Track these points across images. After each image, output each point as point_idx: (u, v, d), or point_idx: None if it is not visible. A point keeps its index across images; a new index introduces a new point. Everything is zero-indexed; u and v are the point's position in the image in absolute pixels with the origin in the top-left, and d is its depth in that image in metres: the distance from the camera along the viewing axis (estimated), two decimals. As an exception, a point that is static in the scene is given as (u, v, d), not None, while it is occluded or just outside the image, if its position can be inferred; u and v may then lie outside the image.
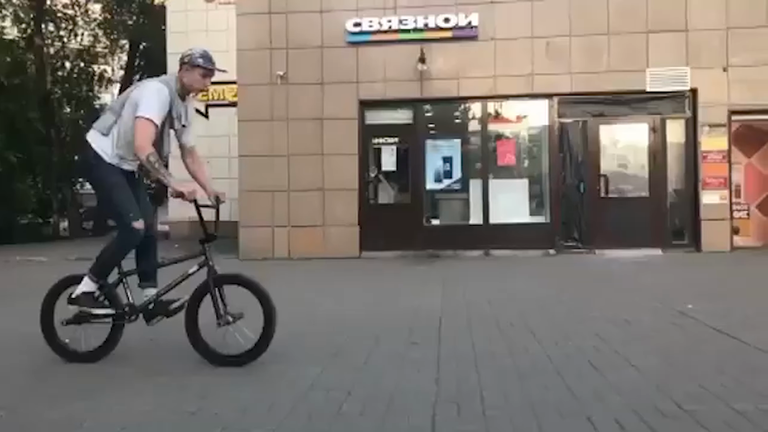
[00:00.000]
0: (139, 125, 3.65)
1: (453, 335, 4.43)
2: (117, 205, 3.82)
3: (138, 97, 3.74)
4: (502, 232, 10.52)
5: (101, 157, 3.79)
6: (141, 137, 3.64)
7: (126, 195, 3.80)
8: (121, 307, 3.87)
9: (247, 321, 3.74)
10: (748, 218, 11.18)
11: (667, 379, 3.30)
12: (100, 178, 3.88)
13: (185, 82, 3.88)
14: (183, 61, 3.89)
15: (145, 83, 3.93)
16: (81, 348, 3.94)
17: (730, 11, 10.24)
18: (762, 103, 10.14)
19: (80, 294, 3.81)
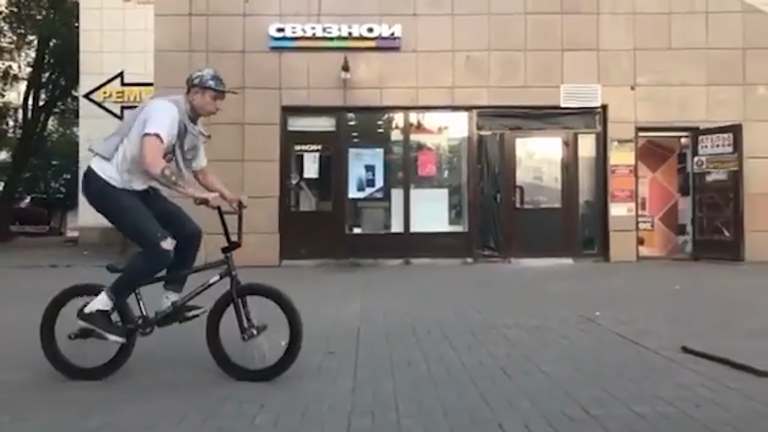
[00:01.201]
0: (145, 142, 3.44)
1: (370, 344, 4.44)
2: (137, 229, 3.56)
3: (146, 116, 3.53)
4: (422, 241, 10.66)
5: (108, 182, 3.55)
6: (149, 154, 3.42)
7: (143, 215, 3.56)
8: (134, 321, 3.64)
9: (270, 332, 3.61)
10: (653, 230, 11.83)
11: (574, 384, 3.42)
12: (111, 205, 3.59)
13: (195, 105, 3.70)
14: (193, 83, 3.70)
15: (154, 102, 3.71)
16: (86, 363, 3.63)
17: (638, 33, 10.83)
18: (665, 121, 10.78)
19: (95, 311, 3.51)
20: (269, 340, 3.58)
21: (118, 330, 3.56)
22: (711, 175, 10.69)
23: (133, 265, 3.57)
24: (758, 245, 10.19)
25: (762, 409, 3.00)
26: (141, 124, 3.50)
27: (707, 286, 7.99)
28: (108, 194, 3.56)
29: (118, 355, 3.66)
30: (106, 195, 3.57)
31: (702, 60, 10.76)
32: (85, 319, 3.51)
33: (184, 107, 3.64)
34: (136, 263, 3.57)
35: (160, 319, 3.66)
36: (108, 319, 3.54)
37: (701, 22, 10.85)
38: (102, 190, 3.56)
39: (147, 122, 3.47)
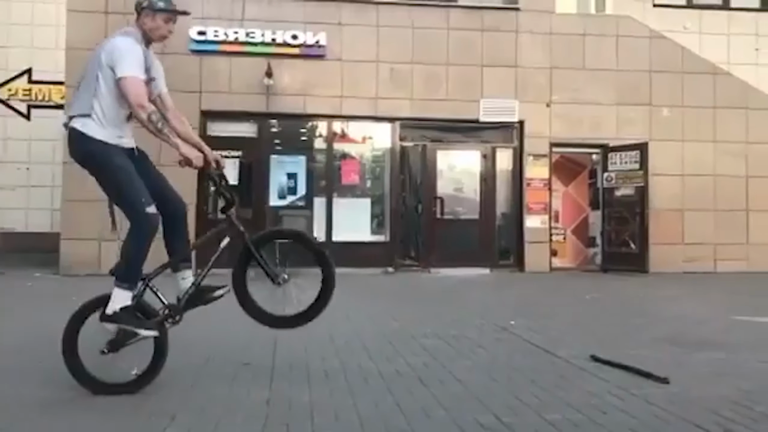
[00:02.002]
0: (126, 85, 3.24)
1: (287, 354, 4.37)
2: (127, 192, 3.34)
3: (110, 60, 3.29)
4: (344, 250, 10.58)
5: (96, 139, 3.31)
6: (134, 95, 3.24)
7: (134, 178, 3.34)
8: (158, 314, 3.41)
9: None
10: (565, 241, 12.29)
11: (488, 392, 3.48)
12: (103, 163, 3.35)
13: (147, 29, 3.45)
14: (142, 7, 3.45)
15: (111, 43, 3.40)
16: (117, 378, 3.36)
17: (554, 53, 11.28)
18: (578, 137, 11.26)
19: (118, 310, 3.27)
20: (297, 285, 3.56)
21: (148, 323, 3.36)
22: (619, 190, 11.25)
23: (126, 245, 3.37)
24: (661, 257, 10.79)
25: (662, 414, 3.15)
26: (107, 71, 3.31)
27: (615, 296, 8.38)
28: (99, 152, 3.34)
29: (154, 360, 3.42)
30: (97, 153, 3.35)
31: (612, 81, 11.33)
32: (110, 320, 3.29)
33: (138, 37, 3.44)
34: (128, 241, 3.37)
35: (185, 303, 3.48)
36: (134, 315, 3.34)
37: (612, 45, 11.42)
38: (92, 149, 3.34)
39: (116, 67, 3.28)
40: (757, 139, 11.52)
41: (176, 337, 4.95)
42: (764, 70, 13.01)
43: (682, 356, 4.48)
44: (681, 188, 11.31)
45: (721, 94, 11.53)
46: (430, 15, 11.22)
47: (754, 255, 11.36)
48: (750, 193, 11.50)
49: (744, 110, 11.55)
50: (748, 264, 11.27)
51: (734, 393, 3.51)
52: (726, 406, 3.28)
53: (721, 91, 11.54)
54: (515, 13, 11.39)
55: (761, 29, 13.39)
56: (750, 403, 3.33)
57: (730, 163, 11.44)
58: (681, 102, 11.43)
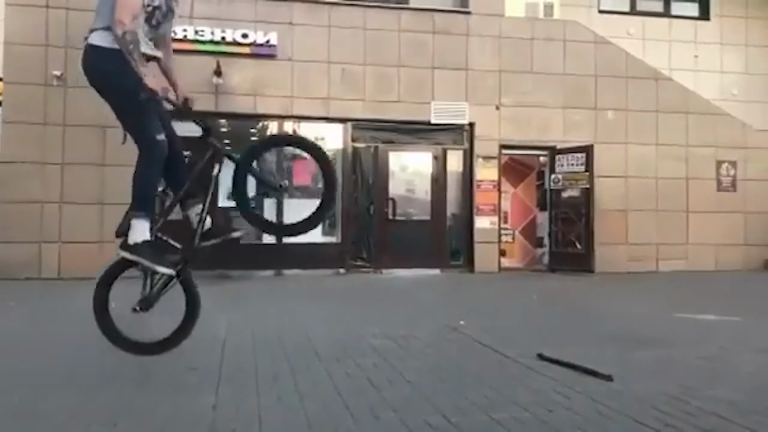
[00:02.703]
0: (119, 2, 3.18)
1: (236, 358, 4.30)
2: (139, 114, 3.28)
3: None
4: (295, 252, 10.55)
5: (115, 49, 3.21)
6: (121, 9, 3.16)
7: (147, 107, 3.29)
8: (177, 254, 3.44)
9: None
10: (513, 242, 12.50)
11: (437, 392, 3.50)
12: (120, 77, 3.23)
13: None
14: None
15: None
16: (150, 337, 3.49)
17: (503, 56, 11.45)
18: (526, 140, 11.46)
19: (140, 242, 3.27)
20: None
21: (165, 261, 3.36)
22: (566, 191, 11.50)
23: (136, 174, 3.37)
24: (606, 257, 11.09)
25: (605, 411, 3.23)
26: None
27: (561, 295, 8.56)
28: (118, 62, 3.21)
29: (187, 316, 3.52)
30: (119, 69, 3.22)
31: (559, 84, 11.58)
32: (130, 250, 3.30)
33: None
34: (140, 168, 3.36)
35: (202, 240, 3.49)
36: (155, 251, 3.34)
37: (559, 50, 11.67)
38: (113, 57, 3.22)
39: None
40: (697, 142, 11.96)
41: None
42: (703, 75, 13.52)
43: (626, 353, 4.60)
44: (625, 190, 11.64)
45: (663, 98, 11.92)
46: (381, 16, 11.25)
47: (693, 254, 11.80)
48: (690, 195, 11.93)
49: (684, 114, 11.97)
50: (687, 263, 11.69)
51: (674, 388, 3.62)
52: (665, 401, 3.38)
53: (662, 96, 11.93)
54: (466, 16, 11.52)
55: (700, 37, 13.90)
56: (688, 398, 3.44)
57: (671, 165, 11.84)
58: (625, 106, 11.77)
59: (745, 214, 12.13)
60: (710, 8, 14.11)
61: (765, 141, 12.57)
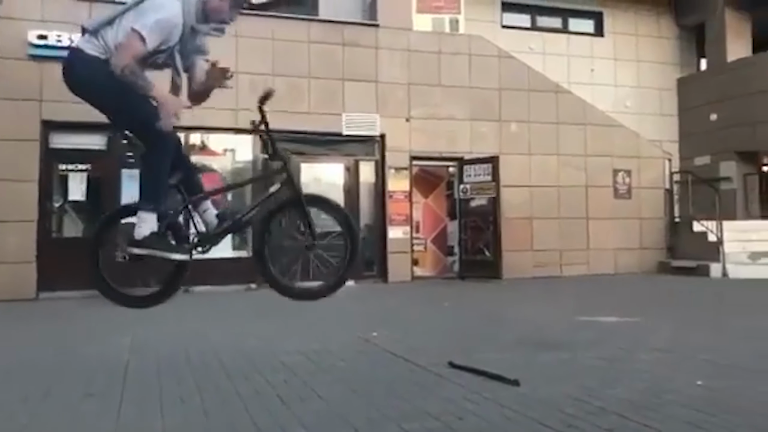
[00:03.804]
0: (129, 36, 3.10)
1: (139, 381, 4.10)
2: (139, 106, 3.19)
3: (147, 9, 3.16)
4: (204, 268, 10.10)
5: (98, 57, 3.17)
6: (124, 51, 3.09)
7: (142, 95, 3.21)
8: (188, 240, 3.38)
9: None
10: (425, 251, 12.70)
11: (349, 406, 3.47)
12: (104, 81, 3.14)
13: (210, 7, 3.33)
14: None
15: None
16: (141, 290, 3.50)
17: (411, 69, 11.66)
18: (435, 151, 11.70)
19: (148, 235, 3.18)
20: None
21: (178, 248, 3.32)
22: (474, 201, 11.82)
23: (145, 166, 3.28)
24: (513, 264, 11.46)
25: (512, 415, 3.30)
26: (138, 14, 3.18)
27: (471, 302, 8.75)
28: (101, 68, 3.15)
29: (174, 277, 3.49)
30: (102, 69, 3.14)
31: (466, 97, 11.90)
32: (140, 245, 3.22)
33: (194, 9, 3.29)
34: (147, 161, 3.27)
35: (215, 234, 3.45)
36: (165, 239, 3.28)
37: (465, 63, 12.01)
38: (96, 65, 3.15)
39: (144, 16, 3.14)
40: (594, 152, 12.60)
41: (11, 369, 4.52)
42: (599, 89, 14.30)
43: (532, 357, 4.74)
44: (529, 198, 12.09)
45: (563, 110, 12.49)
46: (290, 27, 11.19)
47: (594, 259, 12.39)
48: (589, 202, 12.54)
49: (582, 126, 12.59)
50: (588, 267, 12.26)
51: (576, 390, 3.76)
52: (569, 403, 3.50)
53: (562, 108, 12.50)
54: (374, 29, 11.65)
55: (595, 52, 14.71)
56: (590, 398, 3.58)
57: (571, 174, 12.41)
58: (527, 118, 12.24)
59: (640, 220, 12.88)
60: (604, 26, 14.98)
61: (656, 151, 13.43)
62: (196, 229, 3.44)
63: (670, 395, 3.64)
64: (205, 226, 3.49)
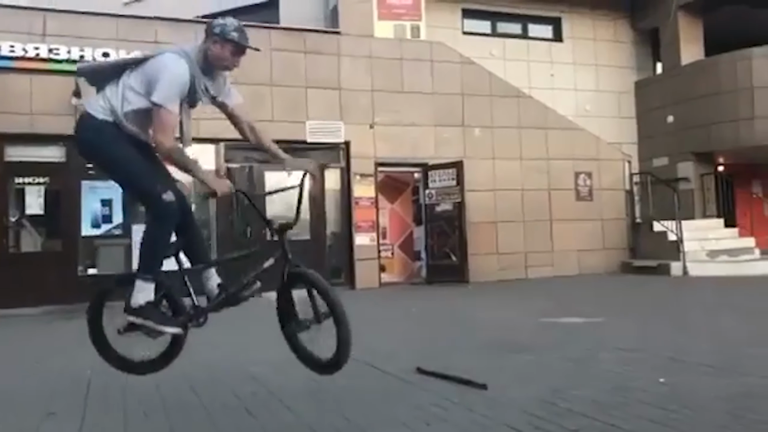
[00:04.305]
0: (160, 114, 3.02)
1: (102, 398, 4.02)
2: (139, 179, 3.16)
3: (154, 74, 3.06)
4: (167, 279, 10.08)
5: (106, 120, 3.11)
6: (161, 131, 3.03)
7: (144, 166, 3.18)
8: (185, 312, 3.30)
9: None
10: (393, 257, 12.72)
11: (317, 415, 3.46)
12: (108, 149, 3.13)
13: (212, 55, 3.20)
14: (213, 32, 3.19)
15: (164, 58, 3.12)
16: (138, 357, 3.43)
17: (374, 76, 11.69)
18: (400, 157, 11.74)
19: (143, 304, 3.14)
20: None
21: (172, 321, 3.26)
22: (439, 206, 11.89)
23: (145, 236, 3.24)
24: (479, 267, 11.55)
25: (481, 420, 3.33)
26: (146, 82, 3.08)
27: (438, 307, 8.79)
28: (108, 134, 3.13)
29: (171, 348, 3.41)
30: (106, 135, 3.13)
31: (429, 103, 11.98)
32: (135, 314, 3.17)
33: (195, 58, 3.19)
34: (146, 232, 3.24)
35: (214, 305, 3.39)
36: (159, 311, 3.22)
37: (427, 70, 12.09)
38: (101, 129, 3.12)
39: (155, 86, 3.03)
40: (555, 155, 12.80)
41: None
42: (559, 93, 14.52)
43: (499, 361, 4.78)
44: (493, 202, 12.21)
45: (524, 115, 12.67)
46: (251, 35, 10.99)
47: (558, 260, 12.57)
48: (552, 205, 12.72)
49: (544, 130, 12.78)
50: (553, 269, 12.43)
51: (544, 392, 3.81)
52: (537, 405, 3.54)
53: (524, 113, 12.68)
54: (336, 36, 11.66)
55: (555, 57, 14.95)
56: (556, 400, 3.63)
57: (534, 177, 12.58)
58: (490, 123, 12.38)
59: (602, 221, 13.11)
60: (563, 31, 15.23)
61: (616, 153, 13.70)
62: (192, 300, 3.36)
63: (634, 394, 3.71)
64: (206, 296, 3.42)
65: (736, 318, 6.66)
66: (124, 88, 3.17)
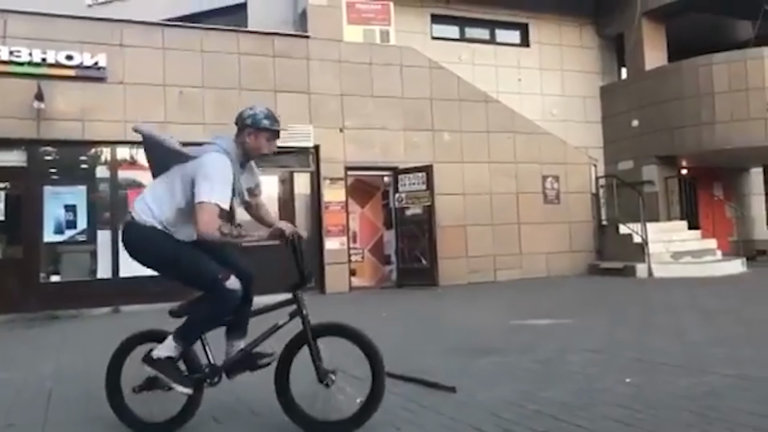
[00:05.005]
0: (202, 210, 3.03)
1: (64, 409, 3.93)
2: (196, 272, 3.18)
3: (196, 173, 3.09)
4: (133, 286, 9.87)
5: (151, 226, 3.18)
6: (203, 224, 3.03)
7: (199, 256, 3.20)
8: (201, 371, 3.26)
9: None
10: (363, 261, 12.69)
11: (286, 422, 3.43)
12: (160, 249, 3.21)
13: (248, 147, 3.28)
14: (245, 124, 3.27)
15: (205, 158, 3.14)
16: (152, 418, 3.30)
17: (343, 80, 11.67)
18: (370, 161, 11.72)
19: (163, 358, 3.14)
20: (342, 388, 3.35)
21: (186, 380, 3.19)
22: (409, 209, 11.90)
23: (200, 311, 3.24)
24: (449, 271, 11.60)
25: (450, 423, 3.34)
26: (188, 182, 3.13)
27: (408, 311, 8.79)
28: (153, 238, 3.19)
29: (185, 409, 3.31)
30: (152, 239, 3.19)
31: (398, 107, 12.00)
32: (152, 365, 3.17)
33: (234, 153, 3.24)
34: (203, 309, 3.24)
35: (229, 367, 3.33)
36: (176, 368, 3.19)
37: (397, 74, 12.12)
38: (146, 234, 3.19)
39: (202, 185, 3.06)
40: (523, 159, 12.93)
41: None
42: (526, 97, 14.69)
43: (468, 363, 4.80)
44: (463, 206, 12.28)
45: (493, 119, 12.77)
46: (219, 39, 11.03)
47: (527, 263, 12.68)
48: (520, 208, 12.84)
49: (512, 134, 12.90)
50: (522, 271, 12.54)
51: (512, 394, 3.84)
52: (505, 407, 3.57)
53: (492, 117, 12.78)
54: (305, 40, 11.61)
55: (522, 62, 15.12)
56: (525, 402, 3.66)
57: (502, 181, 12.69)
58: (459, 127, 12.45)
59: (569, 224, 13.28)
60: (530, 36, 15.42)
61: (582, 157, 13.90)
62: (209, 359, 3.33)
63: (600, 395, 3.76)
64: (226, 356, 3.41)
65: (699, 318, 6.80)
66: (168, 190, 3.24)
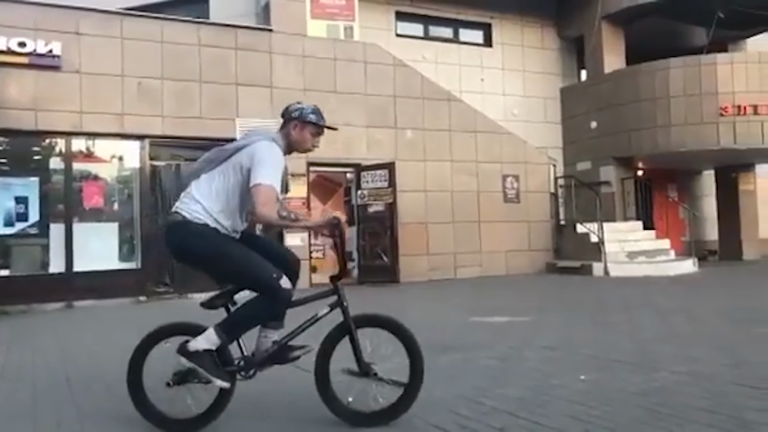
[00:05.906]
0: (260, 193, 3.02)
1: (11, 408, 3.80)
2: (250, 272, 3.11)
3: (250, 160, 3.11)
4: (87, 281, 9.67)
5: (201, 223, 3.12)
6: (263, 205, 3.02)
7: (251, 255, 3.14)
8: (234, 363, 3.19)
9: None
10: (324, 258, 12.64)
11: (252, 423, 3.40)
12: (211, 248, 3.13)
13: (292, 140, 3.34)
14: (292, 116, 3.34)
15: (260, 145, 3.18)
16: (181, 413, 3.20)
17: (307, 75, 11.60)
18: (333, 157, 11.64)
19: (201, 350, 3.06)
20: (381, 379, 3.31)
21: (224, 374, 3.11)
22: (372, 206, 11.90)
23: (250, 308, 3.17)
24: (410, 267, 11.65)
25: (407, 419, 3.33)
26: (242, 170, 3.13)
27: (369, 307, 8.71)
28: (208, 236, 3.13)
29: (217, 403, 3.22)
30: (206, 237, 3.13)
31: (362, 104, 11.98)
32: (189, 357, 3.09)
33: (282, 146, 3.30)
34: (254, 306, 3.17)
35: (263, 360, 3.26)
36: (214, 361, 3.11)
37: (361, 71, 12.09)
38: (200, 232, 3.12)
39: (258, 169, 3.07)
40: (484, 158, 13.06)
41: None
42: (489, 97, 14.85)
43: (427, 360, 4.78)
44: (424, 203, 12.34)
45: (455, 118, 12.86)
46: (179, 30, 10.83)
47: (487, 261, 12.83)
48: (481, 207, 12.97)
49: (473, 133, 13.01)
50: (481, 269, 12.68)
51: (470, 391, 3.87)
52: (463, 404, 3.59)
53: (455, 116, 12.87)
54: (269, 34, 11.49)
55: (485, 62, 15.26)
56: (482, 398, 3.69)
57: (464, 180, 12.79)
58: (422, 125, 12.50)
59: (529, 223, 13.47)
60: (493, 36, 15.57)
61: (542, 157, 14.10)
62: (242, 351, 3.26)
63: (557, 391, 3.82)
64: (256, 349, 3.32)
65: (652, 316, 6.97)
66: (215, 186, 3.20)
